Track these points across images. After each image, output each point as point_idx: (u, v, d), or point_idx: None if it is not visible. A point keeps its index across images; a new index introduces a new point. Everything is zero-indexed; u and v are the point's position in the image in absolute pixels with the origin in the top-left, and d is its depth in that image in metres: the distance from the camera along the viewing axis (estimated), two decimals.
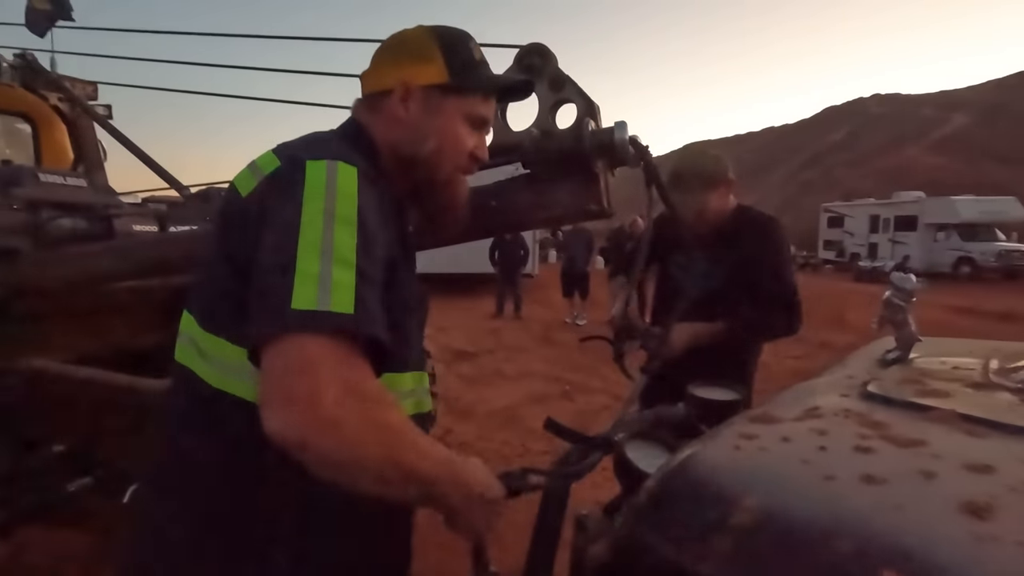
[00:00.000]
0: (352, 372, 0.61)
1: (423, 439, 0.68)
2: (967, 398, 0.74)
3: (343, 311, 0.61)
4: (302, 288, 0.61)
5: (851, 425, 0.69)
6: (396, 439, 0.63)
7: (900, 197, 22.00)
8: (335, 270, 0.62)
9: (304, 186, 0.67)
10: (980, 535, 0.46)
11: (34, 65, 3.08)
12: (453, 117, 0.85)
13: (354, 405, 0.60)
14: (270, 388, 0.60)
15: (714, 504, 0.58)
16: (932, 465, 0.57)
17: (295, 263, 0.62)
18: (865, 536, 0.48)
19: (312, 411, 0.58)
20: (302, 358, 0.59)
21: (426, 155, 0.84)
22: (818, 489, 0.56)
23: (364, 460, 0.61)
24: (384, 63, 0.86)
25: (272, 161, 0.73)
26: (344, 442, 0.59)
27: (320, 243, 0.63)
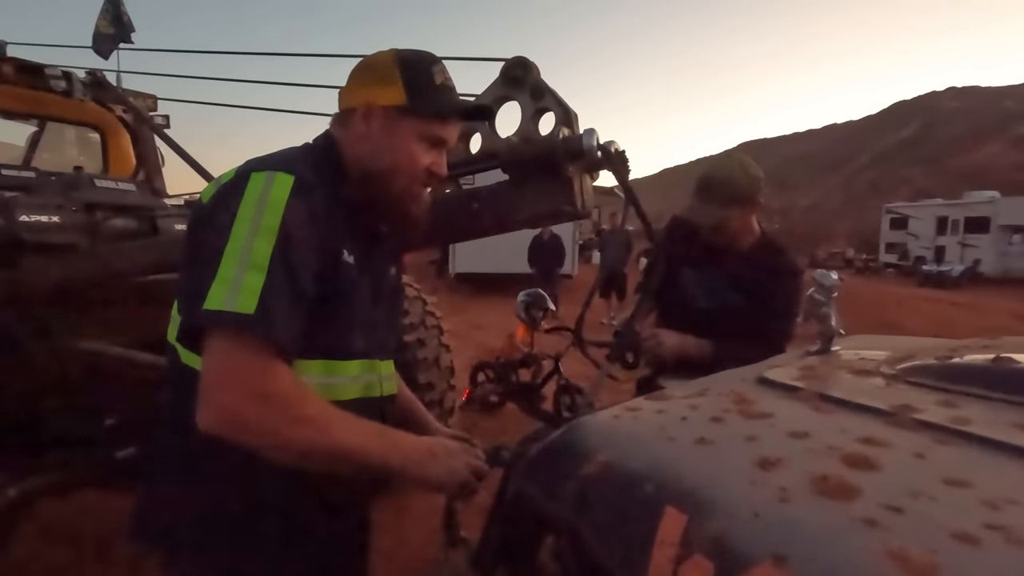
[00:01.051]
0: (253, 373, 0.72)
1: (342, 422, 0.78)
2: (841, 383, 0.82)
3: (244, 312, 0.71)
4: (217, 289, 0.72)
5: (723, 402, 0.78)
6: (302, 429, 0.74)
7: (971, 197, 20.63)
8: (247, 275, 0.72)
9: (242, 197, 0.78)
10: (755, 480, 0.55)
11: (103, 82, 3.43)
12: (408, 137, 0.92)
13: (258, 406, 0.71)
14: (200, 386, 0.73)
15: (574, 459, 0.69)
16: (761, 432, 0.66)
17: (219, 267, 0.73)
18: (664, 481, 0.58)
19: (216, 412, 0.71)
20: (214, 359, 0.72)
21: (381, 170, 0.92)
22: (656, 448, 0.66)
23: (276, 448, 0.74)
24: (353, 83, 0.95)
25: (230, 174, 0.85)
26: (249, 438, 0.72)
27: (240, 250, 0.74)
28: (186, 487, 0.88)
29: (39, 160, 3.55)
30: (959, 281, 16.60)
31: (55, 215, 1.96)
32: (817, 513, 0.49)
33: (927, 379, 0.77)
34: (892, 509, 0.48)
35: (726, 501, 0.53)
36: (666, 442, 0.66)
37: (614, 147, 1.38)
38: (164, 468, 0.91)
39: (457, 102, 1.00)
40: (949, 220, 20.51)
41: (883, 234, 24.21)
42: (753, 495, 0.53)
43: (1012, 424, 0.62)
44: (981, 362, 0.78)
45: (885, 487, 0.51)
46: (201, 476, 0.86)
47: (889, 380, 0.80)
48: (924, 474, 0.54)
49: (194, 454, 0.86)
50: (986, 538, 0.43)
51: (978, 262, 18.20)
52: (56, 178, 2.34)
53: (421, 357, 3.11)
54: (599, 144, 1.34)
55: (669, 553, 0.51)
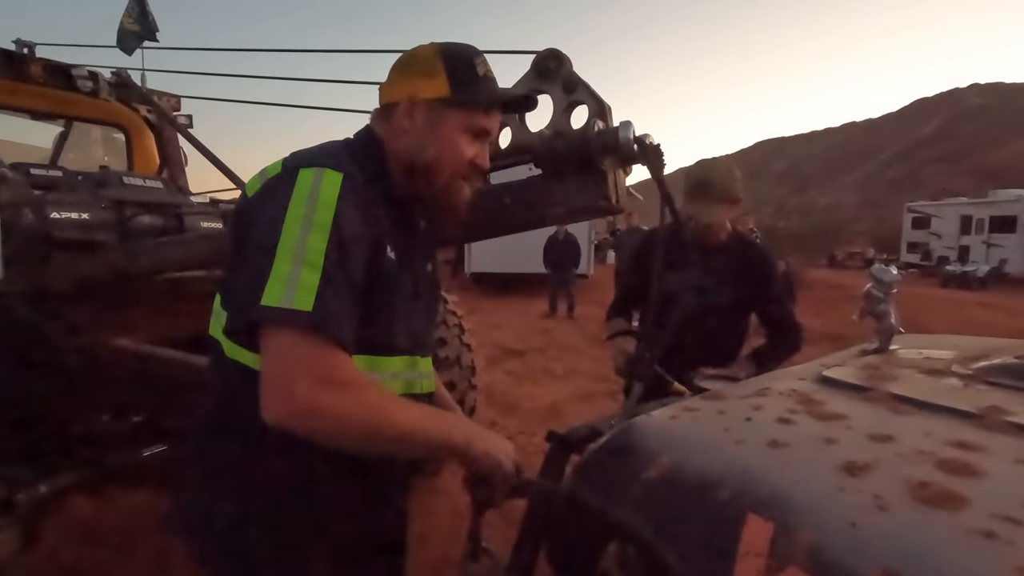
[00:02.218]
0: (322, 363, 0.72)
1: (404, 406, 0.79)
2: (914, 383, 0.77)
3: (303, 309, 0.71)
4: (274, 286, 0.72)
5: (788, 402, 0.73)
6: (373, 412, 0.74)
7: (997, 196, 20.13)
8: (303, 272, 0.73)
9: (292, 192, 0.77)
10: (843, 487, 0.51)
11: (127, 82, 3.47)
12: (453, 129, 0.91)
13: (327, 393, 0.71)
14: (262, 382, 0.72)
15: (636, 461, 0.65)
16: (838, 434, 0.62)
17: (273, 263, 0.73)
18: (743, 486, 0.54)
19: (290, 403, 0.70)
20: (277, 354, 0.72)
21: (426, 163, 0.92)
22: (724, 450, 0.62)
23: (348, 434, 0.73)
24: (396, 77, 0.95)
25: (276, 167, 0.84)
26: (324, 424, 0.72)
27: (295, 247, 0.74)
28: (224, 481, 0.87)
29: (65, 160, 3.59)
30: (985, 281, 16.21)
31: (84, 212, 1.96)
32: (923, 523, 0.45)
33: (1009, 379, 0.73)
34: (1010, 520, 0.43)
35: (816, 509, 0.49)
36: (735, 444, 0.62)
37: (649, 140, 1.34)
38: (202, 461, 0.89)
39: (501, 92, 1.00)
40: (974, 219, 20.03)
41: (905, 233, 23.74)
42: (845, 503, 0.49)
43: None
44: None
45: (994, 496, 0.47)
46: (241, 470, 0.86)
47: (966, 380, 0.75)
48: None
49: (235, 447, 0.85)
50: None
51: (1004, 262, 17.75)
52: (85, 176, 2.36)
53: (443, 356, 3.09)
54: (635, 137, 1.30)
55: (757, 564, 0.47)
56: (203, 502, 0.89)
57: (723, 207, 1.87)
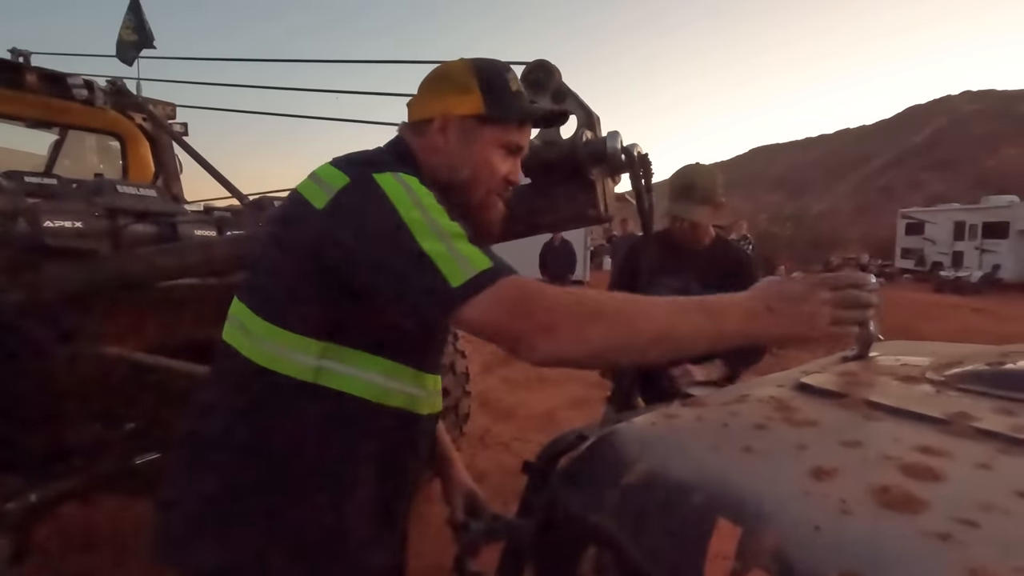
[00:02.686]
0: (533, 284, 0.73)
1: (649, 301, 0.76)
2: (888, 390, 0.79)
3: (485, 267, 0.72)
4: (446, 266, 0.71)
5: (764, 409, 0.75)
6: (631, 317, 0.72)
7: (989, 202, 20.32)
8: (456, 243, 0.73)
9: (386, 193, 0.76)
10: (809, 491, 0.53)
11: (123, 90, 3.49)
12: (488, 146, 0.92)
13: (571, 308, 0.71)
14: (507, 338, 0.72)
15: (614, 467, 0.67)
16: (810, 440, 0.63)
17: (423, 250, 0.72)
18: (715, 491, 0.56)
19: (552, 335, 0.70)
20: (502, 306, 0.71)
21: (462, 181, 0.92)
22: (699, 456, 0.63)
23: (621, 341, 0.71)
24: (427, 93, 0.95)
25: (339, 176, 0.81)
26: (595, 330, 0.70)
27: (431, 229, 0.73)
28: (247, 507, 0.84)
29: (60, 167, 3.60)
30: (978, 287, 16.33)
31: (78, 220, 1.97)
32: (883, 526, 0.47)
33: (980, 386, 0.74)
34: (966, 523, 0.45)
35: (782, 513, 0.51)
36: (711, 450, 0.64)
37: (637, 150, 1.37)
38: (202, 477, 0.87)
39: (536, 107, 1.00)
40: (967, 225, 20.22)
41: (899, 239, 23.93)
42: (811, 507, 0.51)
43: None
44: None
45: (953, 499, 0.49)
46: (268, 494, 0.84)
47: (938, 387, 0.77)
48: (992, 486, 0.51)
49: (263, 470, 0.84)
50: None
51: (998, 267, 17.91)
52: (79, 184, 2.37)
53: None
54: (623, 147, 1.32)
55: (724, 567, 0.49)
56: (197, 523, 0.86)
57: (706, 208, 1.97)
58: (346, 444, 0.86)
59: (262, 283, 0.88)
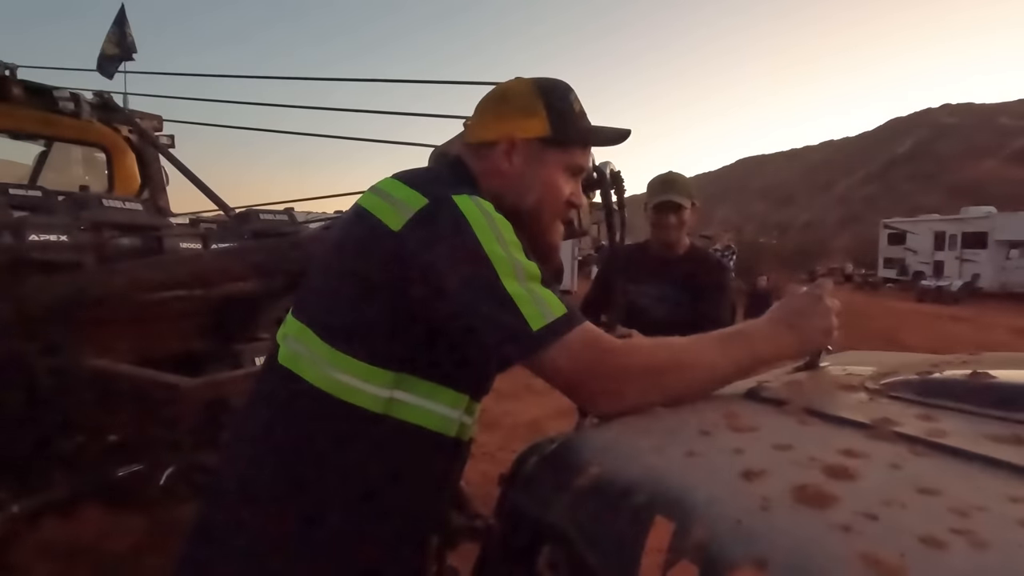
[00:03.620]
0: (604, 341, 0.77)
1: (694, 345, 0.82)
2: (826, 397, 0.84)
3: (561, 314, 0.75)
4: (527, 309, 0.73)
5: (712, 416, 0.80)
6: (687, 366, 0.79)
7: (969, 212, 20.78)
8: (535, 287, 0.75)
9: (469, 221, 0.75)
10: (738, 490, 0.58)
11: (109, 103, 3.52)
12: (554, 169, 0.90)
13: (638, 372, 0.77)
14: (583, 391, 0.78)
15: (568, 471, 0.71)
16: (747, 444, 0.69)
17: (506, 291, 0.73)
18: (655, 491, 0.61)
19: (623, 400, 0.76)
20: (577, 359, 0.75)
21: (529, 206, 0.90)
22: (645, 460, 0.68)
23: (685, 391, 0.79)
24: (489, 115, 0.93)
25: (414, 196, 0.79)
26: (656, 387, 0.77)
27: (512, 268, 0.74)
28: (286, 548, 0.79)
29: (45, 179, 3.61)
30: (958, 296, 16.66)
31: (63, 234, 2.00)
32: (796, 520, 0.52)
33: (908, 393, 0.81)
34: (867, 516, 0.51)
35: (711, 510, 0.56)
36: (656, 454, 0.69)
37: (609, 168, 1.43)
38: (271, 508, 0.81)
39: (602, 129, 1.00)
40: (947, 235, 20.65)
41: (881, 249, 24.34)
42: (736, 504, 0.56)
43: (984, 436, 0.65)
44: (958, 377, 0.81)
45: (861, 496, 0.54)
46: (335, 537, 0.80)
47: (872, 395, 0.83)
48: (899, 483, 0.57)
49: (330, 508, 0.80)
50: (952, 542, 0.46)
51: (977, 276, 18.29)
52: (64, 198, 2.39)
53: None
54: (595, 166, 1.39)
55: (658, 559, 0.54)
56: None
57: (686, 199, 2.10)
58: (416, 477, 0.85)
59: (325, 304, 0.83)
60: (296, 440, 0.80)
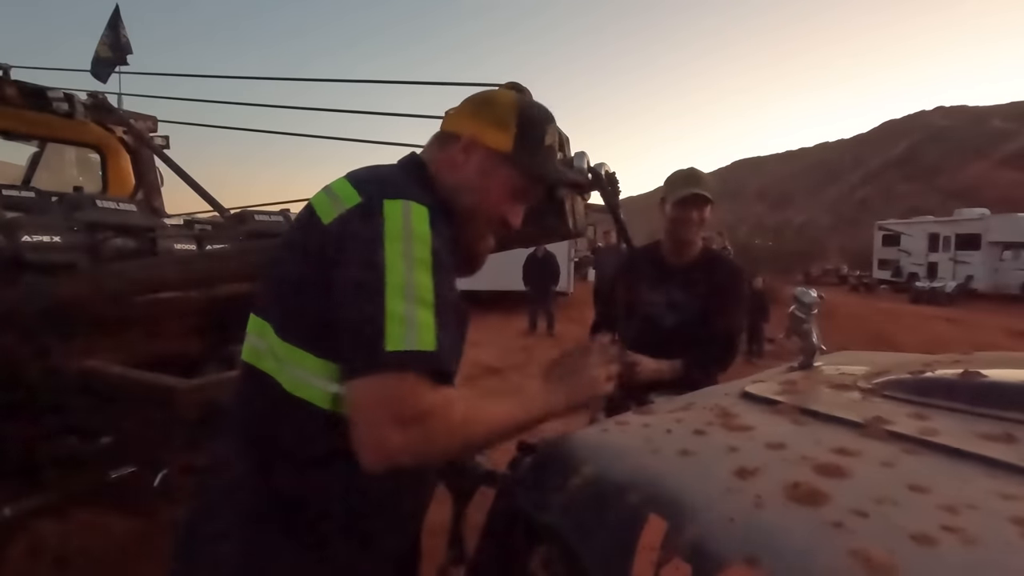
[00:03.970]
0: (423, 402, 0.70)
1: (489, 410, 0.79)
2: (819, 397, 0.85)
3: (426, 349, 0.70)
4: (392, 328, 0.70)
5: (707, 416, 0.81)
6: (471, 427, 0.75)
7: (962, 214, 20.88)
8: (418, 311, 0.71)
9: (384, 227, 0.75)
10: (731, 488, 0.58)
11: (104, 104, 3.49)
12: (501, 185, 0.91)
13: (427, 430, 0.70)
14: (362, 426, 0.71)
15: (562, 472, 0.72)
16: (741, 443, 0.69)
17: (384, 304, 0.71)
18: (648, 490, 0.61)
19: (404, 436, 0.69)
20: (389, 396, 0.69)
21: (464, 206, 0.91)
22: (640, 459, 0.69)
23: (455, 452, 0.77)
24: (467, 112, 0.94)
25: (352, 195, 0.80)
26: (429, 455, 0.74)
27: (404, 286, 0.72)
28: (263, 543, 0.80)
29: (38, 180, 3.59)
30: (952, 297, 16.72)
31: (57, 235, 1.99)
32: (788, 518, 0.52)
33: (900, 393, 0.81)
34: (858, 513, 0.51)
35: (704, 508, 0.56)
36: (650, 454, 0.69)
37: (604, 169, 1.43)
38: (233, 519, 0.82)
39: (559, 172, 1.00)
40: (941, 237, 20.72)
41: (876, 251, 24.40)
42: (729, 502, 0.56)
43: (975, 434, 0.65)
44: (949, 377, 0.81)
45: (853, 493, 0.55)
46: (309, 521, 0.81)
47: (865, 394, 0.84)
48: (890, 481, 0.57)
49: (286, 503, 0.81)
50: (942, 538, 0.46)
51: (971, 278, 18.36)
52: (58, 198, 2.38)
53: None
54: (590, 167, 1.39)
55: (651, 557, 0.54)
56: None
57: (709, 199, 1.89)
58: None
59: (277, 299, 0.85)
60: (266, 436, 0.82)
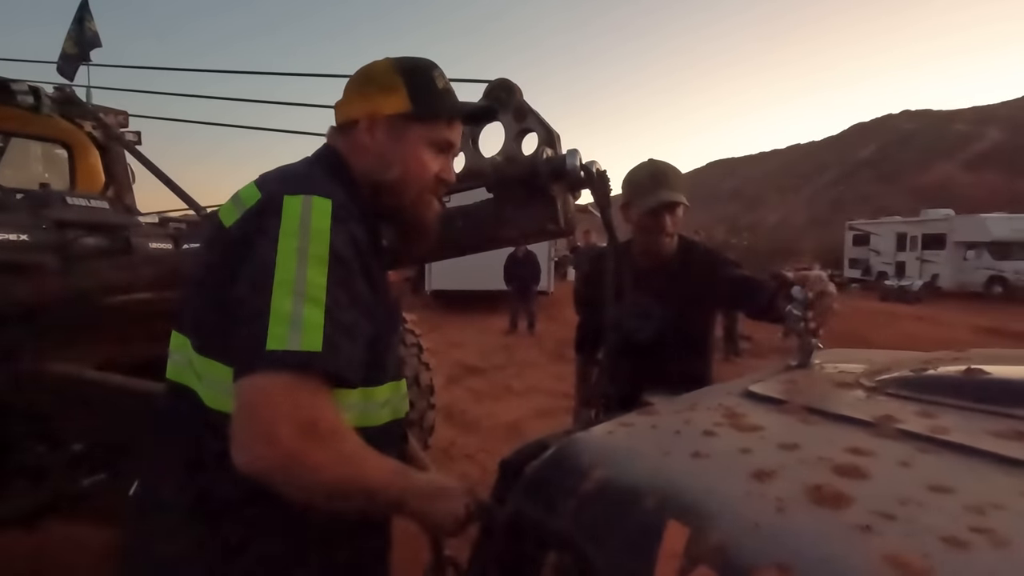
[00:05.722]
0: (310, 410, 0.67)
1: (373, 456, 0.74)
2: (824, 395, 0.85)
3: (311, 350, 0.67)
4: (276, 328, 0.67)
5: (713, 416, 0.80)
6: (349, 466, 0.70)
7: (928, 215, 21.55)
8: (306, 310, 0.68)
9: (280, 223, 0.72)
10: (751, 492, 0.57)
11: (72, 98, 3.37)
12: (417, 144, 0.90)
13: (308, 442, 0.66)
14: (238, 425, 0.67)
15: (571, 476, 0.70)
16: (753, 444, 0.68)
17: (270, 303, 0.68)
18: (665, 495, 0.60)
19: (270, 449, 0.65)
20: (268, 397, 0.66)
21: (392, 180, 0.89)
22: (652, 462, 0.67)
23: (322, 486, 0.69)
24: (353, 95, 0.92)
25: (253, 194, 0.79)
26: (301, 475, 0.67)
27: (293, 283, 0.69)
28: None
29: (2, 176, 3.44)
30: (920, 295, 17.22)
31: (24, 234, 1.90)
32: (814, 521, 0.51)
33: (904, 390, 0.81)
34: (884, 516, 0.50)
35: (726, 513, 0.55)
36: (662, 456, 0.68)
37: (595, 167, 1.42)
38: (166, 533, 0.80)
39: (463, 104, 0.98)
40: (908, 236, 21.34)
41: (847, 250, 25.01)
42: (751, 506, 0.55)
43: (987, 432, 0.65)
44: (954, 374, 0.82)
45: (875, 495, 0.54)
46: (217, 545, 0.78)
47: (869, 392, 0.84)
48: (910, 481, 0.56)
49: (219, 514, 0.78)
50: (974, 541, 0.45)
51: (936, 277, 18.94)
52: (24, 195, 2.28)
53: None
54: (582, 164, 1.37)
55: (674, 565, 0.52)
56: None
57: (683, 196, 1.72)
58: None
59: (191, 312, 0.83)
60: (191, 451, 0.79)
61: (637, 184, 1.75)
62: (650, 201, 1.70)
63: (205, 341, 0.79)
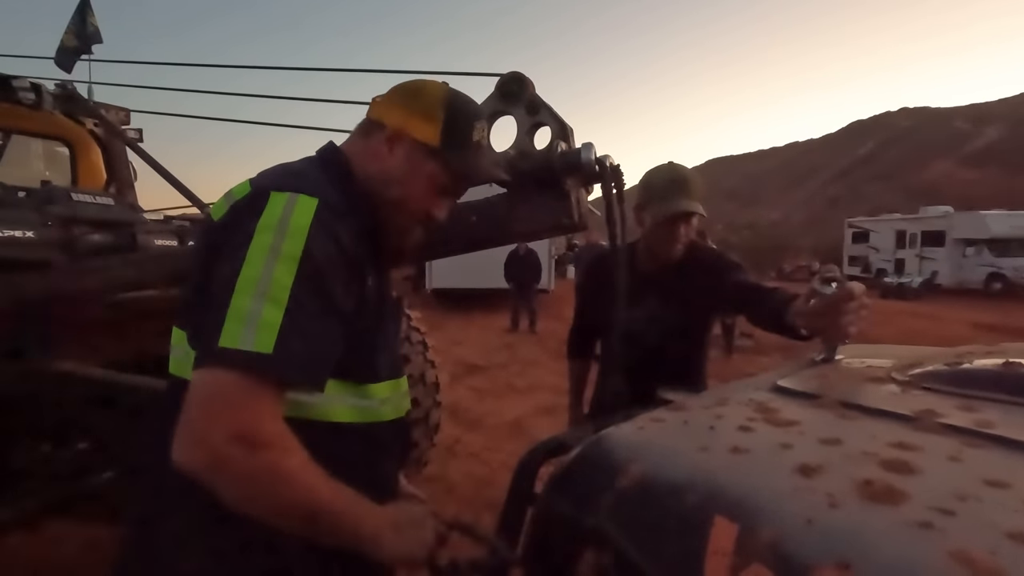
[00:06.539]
0: (248, 415, 0.65)
1: (322, 479, 0.70)
2: (858, 390, 0.83)
3: (262, 351, 0.65)
4: (231, 324, 0.66)
5: (746, 411, 0.78)
6: (284, 483, 0.66)
7: (927, 212, 21.58)
8: (265, 309, 0.66)
9: (259, 219, 0.71)
10: (799, 487, 0.55)
11: (73, 95, 3.34)
12: (426, 178, 0.89)
13: (239, 450, 0.64)
14: (181, 419, 0.65)
15: (608, 471, 0.68)
16: (793, 439, 0.67)
17: (231, 297, 0.67)
18: (708, 491, 0.58)
19: (197, 451, 0.64)
20: (207, 396, 0.65)
21: (387, 199, 0.89)
22: (690, 457, 0.66)
23: (250, 500, 0.66)
24: (395, 102, 0.91)
25: (244, 189, 0.79)
26: (230, 482, 0.65)
27: (258, 280, 0.67)
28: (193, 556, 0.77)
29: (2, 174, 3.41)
30: (919, 292, 17.26)
31: (29, 230, 1.88)
32: (870, 518, 0.49)
33: (940, 384, 0.80)
34: (943, 512, 0.48)
35: (776, 509, 0.53)
36: (700, 452, 0.66)
37: (609, 161, 1.40)
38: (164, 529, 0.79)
39: (484, 169, 0.97)
40: (907, 234, 21.38)
41: (846, 247, 25.06)
42: (801, 502, 0.53)
43: None
44: (993, 367, 0.80)
45: (930, 490, 0.52)
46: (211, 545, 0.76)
47: (903, 386, 0.82)
48: (964, 476, 0.55)
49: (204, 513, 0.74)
50: None
51: (936, 274, 18.97)
52: (29, 192, 2.25)
53: (407, 374, 3.07)
54: (597, 158, 1.35)
55: (725, 563, 0.51)
56: None
57: (700, 204, 1.67)
58: None
59: (185, 307, 0.83)
60: None
61: (655, 189, 1.69)
62: (667, 209, 1.64)
63: (195, 334, 0.79)
